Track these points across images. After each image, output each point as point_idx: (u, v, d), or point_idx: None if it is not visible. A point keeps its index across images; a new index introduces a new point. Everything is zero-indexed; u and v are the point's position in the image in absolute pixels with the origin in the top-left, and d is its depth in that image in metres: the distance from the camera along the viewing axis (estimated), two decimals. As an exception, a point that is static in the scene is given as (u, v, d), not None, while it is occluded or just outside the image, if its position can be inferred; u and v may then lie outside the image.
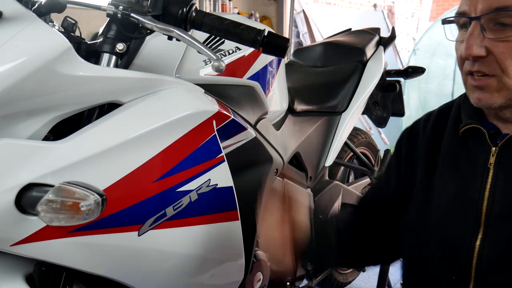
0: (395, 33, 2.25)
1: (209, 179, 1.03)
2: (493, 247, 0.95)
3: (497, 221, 0.95)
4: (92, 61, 0.99)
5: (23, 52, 0.82)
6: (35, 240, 0.84)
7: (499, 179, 0.96)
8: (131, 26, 1.01)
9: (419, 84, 4.88)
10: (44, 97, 0.86)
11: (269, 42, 1.01)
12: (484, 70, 0.92)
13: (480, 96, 0.94)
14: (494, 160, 0.98)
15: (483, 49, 0.91)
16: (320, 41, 2.29)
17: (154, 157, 0.95)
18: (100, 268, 0.92)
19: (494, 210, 0.95)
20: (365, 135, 2.32)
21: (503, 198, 0.95)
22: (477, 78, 0.94)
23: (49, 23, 1.04)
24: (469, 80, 0.96)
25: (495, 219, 0.95)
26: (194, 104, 1.03)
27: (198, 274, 1.08)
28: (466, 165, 1.02)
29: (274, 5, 4.81)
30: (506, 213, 0.94)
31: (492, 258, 0.95)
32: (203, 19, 1.01)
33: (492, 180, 0.97)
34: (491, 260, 0.95)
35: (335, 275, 2.27)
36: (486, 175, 0.98)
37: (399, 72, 2.18)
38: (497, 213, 0.95)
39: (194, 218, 1.02)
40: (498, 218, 0.95)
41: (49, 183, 0.82)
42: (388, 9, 6.47)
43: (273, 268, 1.57)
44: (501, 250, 0.94)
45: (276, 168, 1.39)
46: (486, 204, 0.96)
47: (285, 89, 1.60)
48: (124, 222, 0.91)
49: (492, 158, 0.98)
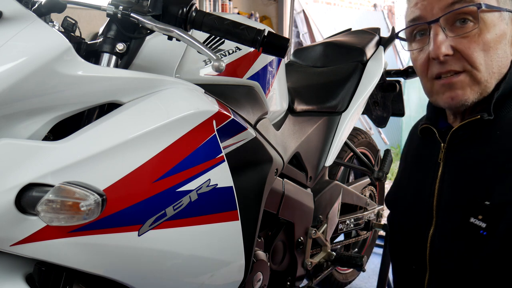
0: (395, 33, 2.25)
1: (209, 179, 1.03)
2: (442, 237, 1.00)
3: (445, 213, 1.00)
4: (92, 61, 0.99)
5: (23, 52, 0.82)
6: (35, 240, 0.84)
7: (446, 173, 1.02)
8: (131, 26, 1.01)
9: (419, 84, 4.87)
10: (44, 97, 0.86)
11: (269, 42, 1.01)
12: (454, 68, 0.94)
13: (452, 95, 0.96)
14: (443, 155, 1.03)
15: (450, 48, 0.93)
16: (320, 41, 2.29)
17: (154, 157, 0.94)
18: (100, 268, 0.92)
19: (442, 202, 1.01)
20: (365, 135, 2.31)
21: (450, 190, 1.00)
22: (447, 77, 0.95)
23: (49, 23, 1.04)
24: (435, 83, 0.98)
25: (443, 211, 1.01)
26: (194, 104, 1.03)
27: (198, 274, 1.08)
28: (423, 162, 1.10)
29: (274, 5, 4.81)
30: (453, 204, 0.99)
31: (442, 247, 1.00)
32: (203, 19, 1.01)
33: (441, 174, 1.02)
34: (441, 249, 1.00)
35: (335, 275, 2.27)
36: (437, 170, 1.04)
37: (399, 72, 2.18)
38: (445, 205, 1.00)
39: (194, 218, 1.02)
40: (445, 209, 1.00)
41: (49, 183, 0.82)
42: (388, 9, 6.47)
43: (273, 268, 1.57)
44: (450, 239, 0.99)
45: (276, 168, 1.39)
46: (436, 198, 1.02)
47: (285, 89, 1.60)
48: (124, 222, 0.91)
49: (441, 154, 1.03)
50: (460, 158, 1.01)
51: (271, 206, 1.48)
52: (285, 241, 1.62)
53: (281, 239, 1.60)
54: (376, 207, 2.29)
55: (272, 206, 1.49)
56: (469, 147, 1.00)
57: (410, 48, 1.04)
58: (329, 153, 1.81)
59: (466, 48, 0.93)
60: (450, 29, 0.94)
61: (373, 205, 2.28)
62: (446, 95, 0.97)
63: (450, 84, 0.95)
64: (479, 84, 0.94)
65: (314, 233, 1.72)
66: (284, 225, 1.60)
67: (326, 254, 1.84)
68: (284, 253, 1.64)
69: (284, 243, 1.63)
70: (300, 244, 1.68)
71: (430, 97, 1.03)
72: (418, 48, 1.00)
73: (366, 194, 2.30)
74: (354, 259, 1.89)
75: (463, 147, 1.01)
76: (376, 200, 2.40)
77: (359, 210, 2.21)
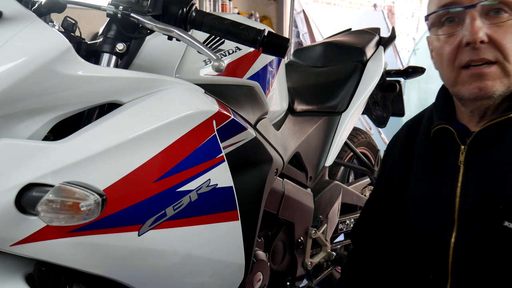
0: (395, 33, 2.25)
1: (209, 179, 1.03)
2: (467, 244, 0.95)
3: (471, 217, 0.96)
4: (92, 61, 0.99)
5: (23, 52, 0.82)
6: (35, 240, 0.84)
7: (469, 176, 0.97)
8: (131, 26, 1.01)
9: (419, 84, 4.87)
10: (44, 97, 0.86)
11: (269, 42, 1.01)
12: (487, 57, 0.90)
13: (481, 85, 0.92)
14: (464, 158, 0.98)
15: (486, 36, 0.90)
16: (320, 41, 2.29)
17: (154, 157, 0.94)
18: (100, 268, 0.92)
19: (466, 207, 0.96)
20: (365, 135, 2.31)
21: (474, 195, 0.96)
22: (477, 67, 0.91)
23: (49, 23, 1.04)
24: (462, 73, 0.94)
25: (468, 216, 0.96)
26: (194, 104, 1.03)
27: (198, 274, 1.08)
28: (438, 165, 1.04)
29: (274, 5, 4.81)
30: (478, 209, 0.95)
31: (467, 254, 0.95)
32: (203, 19, 1.01)
33: (463, 177, 0.98)
34: (466, 256, 0.95)
35: (335, 275, 2.27)
36: (457, 173, 0.99)
37: (399, 72, 2.18)
38: (469, 210, 0.96)
39: (194, 218, 1.02)
40: (471, 214, 0.95)
41: (49, 183, 0.82)
42: (388, 9, 6.47)
43: (273, 268, 1.57)
44: (475, 245, 0.94)
45: (276, 168, 1.39)
46: (458, 202, 0.97)
47: (285, 89, 1.60)
48: (124, 222, 0.91)
49: (461, 156, 0.99)
50: (486, 160, 0.96)
51: (271, 206, 1.48)
52: (285, 241, 1.62)
53: (281, 239, 1.60)
54: (376, 207, 2.29)
55: (272, 206, 1.49)
56: (494, 148, 0.96)
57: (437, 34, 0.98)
58: (329, 153, 1.81)
59: (501, 38, 0.90)
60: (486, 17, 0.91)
61: (373, 205, 2.28)
62: (474, 85, 0.92)
63: (480, 74, 0.91)
64: (509, 77, 0.92)
65: (314, 233, 1.72)
66: (284, 225, 1.60)
67: (326, 254, 1.84)
68: (284, 253, 1.64)
69: (284, 243, 1.63)
70: (300, 244, 1.68)
71: (453, 87, 0.98)
72: (448, 34, 0.95)
73: (366, 194, 2.30)
74: (354, 259, 1.89)
75: (487, 149, 0.96)
76: (376, 200, 2.40)
77: (359, 210, 2.21)
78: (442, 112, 1.05)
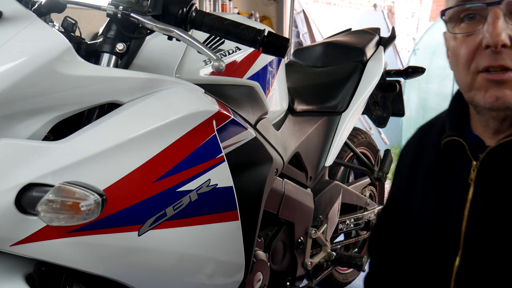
0: (395, 33, 2.25)
1: (209, 179, 1.04)
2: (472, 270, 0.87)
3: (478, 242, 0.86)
4: (92, 61, 0.99)
5: (23, 52, 0.82)
6: (35, 240, 0.84)
7: (479, 196, 0.87)
8: (131, 26, 1.01)
9: (419, 84, 4.87)
10: (44, 97, 0.86)
11: (269, 42, 1.01)
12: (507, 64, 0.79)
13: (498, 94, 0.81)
14: (475, 175, 0.88)
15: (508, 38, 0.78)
16: (320, 41, 2.29)
17: (154, 157, 0.95)
18: (100, 268, 0.92)
19: (473, 230, 0.87)
20: (365, 135, 2.31)
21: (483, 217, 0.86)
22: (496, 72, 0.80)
23: (49, 23, 1.04)
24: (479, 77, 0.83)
25: (475, 240, 0.87)
26: (194, 104, 1.03)
27: (198, 274, 1.08)
28: (447, 180, 0.94)
29: (274, 5, 4.81)
30: (486, 233, 0.85)
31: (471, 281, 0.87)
32: (203, 19, 1.01)
33: (473, 197, 0.88)
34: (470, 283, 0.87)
35: (335, 275, 2.27)
36: (466, 192, 0.89)
37: (399, 72, 2.18)
38: (478, 234, 0.87)
39: (194, 218, 1.02)
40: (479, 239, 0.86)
41: (49, 183, 0.82)
42: (388, 9, 6.47)
43: (273, 268, 1.57)
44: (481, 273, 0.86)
45: (276, 168, 1.39)
46: (465, 223, 0.88)
47: (285, 89, 1.61)
48: (124, 222, 0.91)
49: (473, 174, 0.88)
50: (499, 180, 0.86)
51: (271, 206, 1.48)
52: (285, 241, 1.62)
53: (281, 239, 1.60)
54: (376, 207, 2.29)
55: (272, 206, 1.49)
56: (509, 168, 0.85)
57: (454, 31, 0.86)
58: (329, 153, 1.81)
59: None
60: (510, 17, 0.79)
61: (373, 205, 2.28)
62: (490, 93, 0.81)
63: (500, 81, 0.80)
64: None
65: (314, 233, 1.72)
66: (284, 225, 1.60)
67: (326, 254, 1.84)
68: (284, 253, 1.64)
69: (284, 243, 1.63)
70: (300, 244, 1.68)
71: (467, 92, 0.87)
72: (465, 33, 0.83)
73: (366, 194, 2.30)
74: (354, 259, 1.89)
75: (502, 167, 0.86)
76: (376, 200, 2.40)
77: (359, 210, 2.21)
78: (455, 121, 0.94)
